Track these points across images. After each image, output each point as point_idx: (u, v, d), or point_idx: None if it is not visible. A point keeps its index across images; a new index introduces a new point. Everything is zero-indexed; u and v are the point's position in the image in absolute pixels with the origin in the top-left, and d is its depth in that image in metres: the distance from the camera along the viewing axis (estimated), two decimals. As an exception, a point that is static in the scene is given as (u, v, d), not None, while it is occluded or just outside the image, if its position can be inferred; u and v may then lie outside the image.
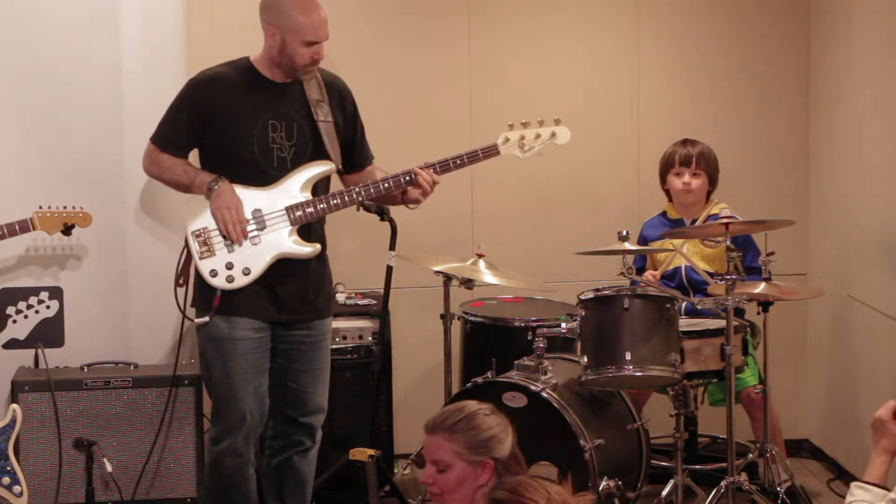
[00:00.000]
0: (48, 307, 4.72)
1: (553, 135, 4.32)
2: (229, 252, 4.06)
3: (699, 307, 4.51)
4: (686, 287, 4.88)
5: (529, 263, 5.21)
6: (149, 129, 4.18)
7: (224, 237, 4.05)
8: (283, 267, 4.08)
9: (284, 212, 4.06)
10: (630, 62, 5.45)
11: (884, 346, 4.74)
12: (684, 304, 4.62)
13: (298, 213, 4.06)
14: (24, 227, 4.41)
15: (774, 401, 4.87)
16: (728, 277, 4.28)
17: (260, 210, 4.06)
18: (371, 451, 4.38)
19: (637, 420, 4.47)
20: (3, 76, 4.64)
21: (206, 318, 4.06)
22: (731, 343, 4.31)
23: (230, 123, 4.07)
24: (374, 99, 5.33)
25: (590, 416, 4.31)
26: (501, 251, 5.00)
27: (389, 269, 4.67)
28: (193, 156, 4.23)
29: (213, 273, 4.05)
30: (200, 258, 4.07)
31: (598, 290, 4.35)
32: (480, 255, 4.76)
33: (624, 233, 4.40)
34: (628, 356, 4.23)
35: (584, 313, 4.33)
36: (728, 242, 4.33)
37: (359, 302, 5.01)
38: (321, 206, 4.09)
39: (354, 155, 4.26)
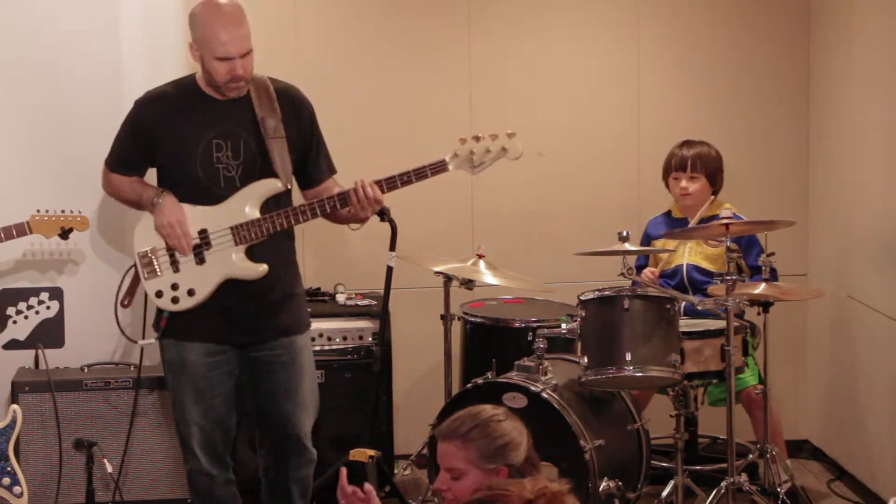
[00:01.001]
0: (48, 308, 4.71)
1: (503, 150, 4.10)
2: (175, 272, 4.00)
3: (699, 308, 4.51)
4: (686, 286, 4.88)
5: (529, 264, 5.20)
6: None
7: (171, 256, 3.99)
8: (235, 287, 3.99)
9: (230, 231, 3.97)
10: (630, 62, 5.44)
11: (884, 346, 4.74)
12: (683, 305, 4.62)
13: (244, 232, 3.96)
14: (21, 230, 4.39)
15: (775, 401, 4.87)
16: (728, 278, 4.27)
17: (206, 230, 3.99)
18: (371, 452, 4.38)
19: (637, 420, 4.47)
20: (2, 78, 4.64)
21: (151, 340, 4.07)
22: (731, 343, 4.31)
23: (174, 143, 4.00)
24: (375, 100, 5.35)
25: (590, 417, 4.31)
26: (501, 252, 5.00)
27: (389, 270, 4.67)
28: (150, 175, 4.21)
29: (159, 294, 4.02)
30: (146, 279, 4.03)
31: (598, 290, 4.35)
32: (480, 256, 4.76)
33: (624, 233, 4.40)
34: (628, 357, 4.23)
35: (584, 314, 4.33)
36: (729, 242, 4.33)
37: (359, 302, 5.00)
38: (266, 225, 3.97)
39: (308, 169, 4.14)
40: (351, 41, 5.32)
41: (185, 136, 4.00)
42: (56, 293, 4.71)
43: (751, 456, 4.76)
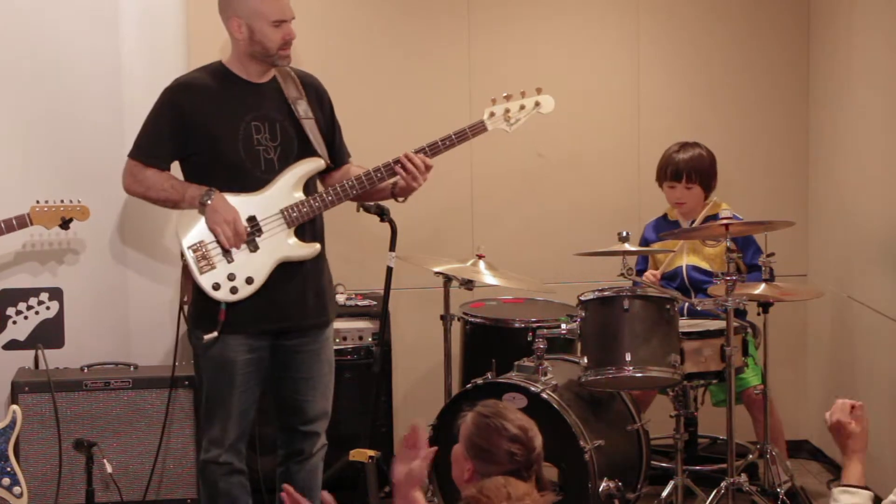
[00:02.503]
0: (48, 308, 4.72)
1: (537, 104, 4.26)
2: (229, 263, 3.97)
3: (699, 308, 4.52)
4: (687, 287, 4.88)
5: (529, 264, 5.20)
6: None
7: (222, 247, 3.96)
8: (280, 273, 4.00)
9: (280, 214, 3.99)
10: (630, 62, 5.44)
11: (884, 346, 4.74)
12: (686, 305, 4.62)
13: (294, 213, 3.99)
14: (22, 222, 4.40)
15: (775, 401, 4.87)
16: (728, 278, 4.28)
17: (255, 216, 3.98)
18: (371, 452, 4.37)
19: (637, 421, 4.47)
20: (3, 75, 4.65)
21: (215, 334, 3.95)
22: (731, 344, 4.31)
23: (213, 128, 3.98)
24: (375, 99, 5.35)
25: (590, 417, 4.31)
26: (501, 252, 4.99)
27: (389, 270, 4.67)
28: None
29: (216, 286, 3.96)
30: (201, 273, 3.96)
31: (598, 290, 4.35)
32: (480, 256, 4.75)
33: (624, 234, 4.40)
34: (628, 357, 4.23)
35: (584, 314, 4.33)
36: (728, 242, 4.33)
37: (359, 303, 5.00)
38: (316, 203, 4.02)
39: (334, 152, 4.18)
40: (351, 41, 5.32)
41: (224, 120, 3.99)
42: (56, 293, 4.71)
43: (751, 456, 4.76)
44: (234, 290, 3.97)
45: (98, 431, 4.57)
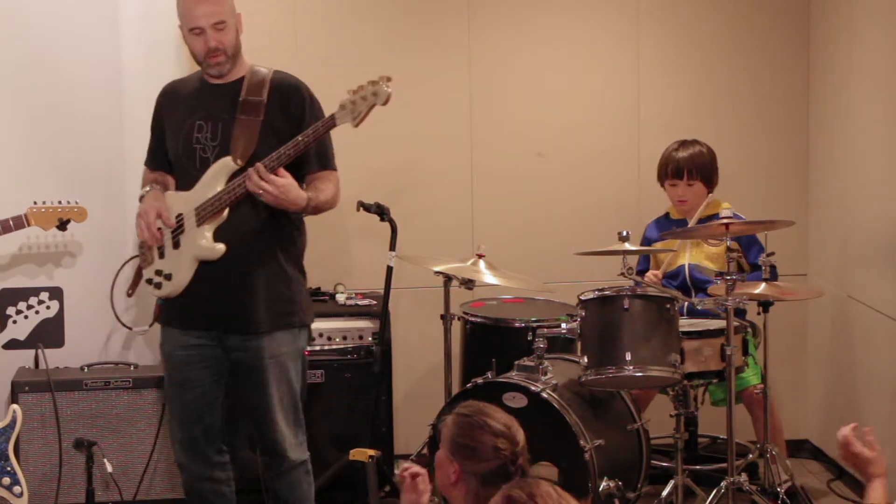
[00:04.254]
0: (48, 307, 4.72)
1: (374, 94, 3.83)
2: (160, 259, 4.02)
3: (699, 307, 4.52)
4: (689, 286, 4.88)
5: (529, 264, 5.20)
6: (148, 127, 4.18)
7: (158, 245, 4.00)
8: (206, 272, 3.95)
9: (194, 212, 3.95)
10: (630, 62, 5.45)
11: (884, 346, 4.74)
12: (686, 305, 4.62)
13: (203, 211, 3.93)
14: (19, 223, 4.40)
15: (775, 401, 4.87)
16: (728, 277, 4.28)
17: (181, 214, 3.98)
18: (371, 452, 4.37)
19: (637, 420, 4.47)
20: (2, 74, 4.65)
21: (145, 328, 4.07)
22: (731, 343, 4.31)
23: (168, 126, 4.07)
24: (374, 99, 5.34)
25: (590, 417, 4.31)
26: (501, 251, 4.99)
27: (389, 270, 4.68)
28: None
29: (149, 281, 4.05)
30: (144, 267, 4.08)
31: (598, 290, 4.35)
32: (480, 256, 4.75)
33: (624, 233, 4.40)
34: (628, 356, 4.23)
35: (584, 314, 4.33)
36: (729, 242, 4.33)
37: (359, 302, 5.00)
38: (215, 201, 3.92)
39: (301, 160, 3.95)
40: (351, 41, 5.32)
41: (175, 119, 4.05)
42: (56, 293, 4.71)
43: (751, 456, 4.76)
44: (158, 286, 4.02)
45: (98, 431, 4.57)
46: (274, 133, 3.97)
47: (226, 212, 3.93)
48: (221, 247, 3.93)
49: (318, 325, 4.85)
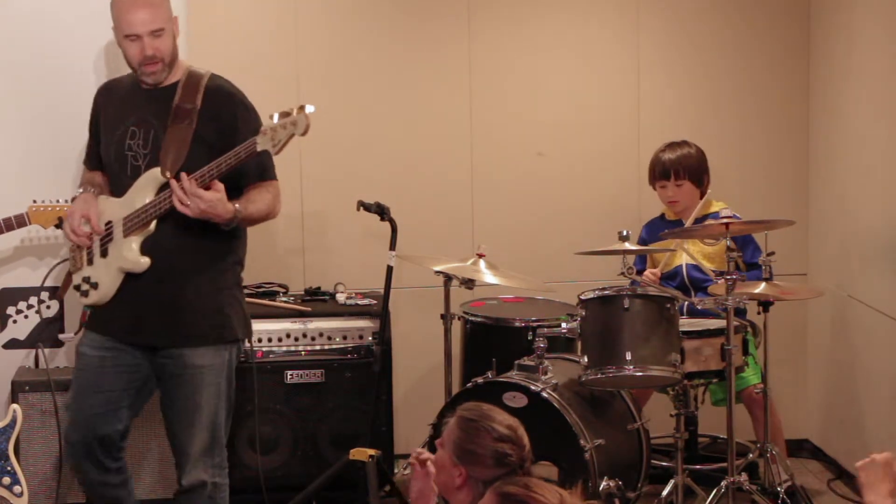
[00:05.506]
0: (48, 307, 4.71)
1: (294, 124, 3.72)
2: (89, 265, 3.96)
3: (699, 307, 4.52)
4: (687, 286, 4.88)
5: (529, 263, 5.20)
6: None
7: (88, 251, 3.95)
8: (133, 283, 3.88)
9: (122, 222, 3.88)
10: (630, 62, 5.44)
11: (884, 346, 4.74)
12: (686, 304, 4.62)
13: (129, 223, 3.86)
14: (21, 221, 4.42)
15: (775, 401, 4.87)
16: (728, 277, 4.28)
17: (111, 222, 3.92)
18: (371, 451, 4.38)
19: (637, 420, 4.47)
20: (2, 75, 4.65)
21: (71, 335, 4.01)
22: (731, 343, 4.31)
23: (103, 130, 4.02)
24: (375, 99, 5.35)
25: (590, 416, 4.31)
26: (501, 251, 4.99)
27: (390, 269, 4.68)
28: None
29: (76, 287, 4.00)
30: (73, 273, 4.03)
31: (598, 290, 4.35)
32: (481, 255, 4.76)
33: (624, 233, 4.40)
34: (629, 356, 4.23)
35: (584, 313, 4.33)
36: (728, 242, 4.33)
37: (359, 302, 5.00)
38: (143, 214, 3.84)
39: (235, 171, 3.83)
40: (351, 43, 5.32)
41: (109, 123, 3.99)
42: (56, 293, 4.71)
43: (751, 455, 4.76)
44: (85, 294, 3.97)
45: (98, 430, 4.56)
46: (205, 144, 3.88)
47: (153, 224, 3.85)
48: (146, 261, 3.86)
49: (318, 324, 4.86)
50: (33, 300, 4.71)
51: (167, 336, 3.91)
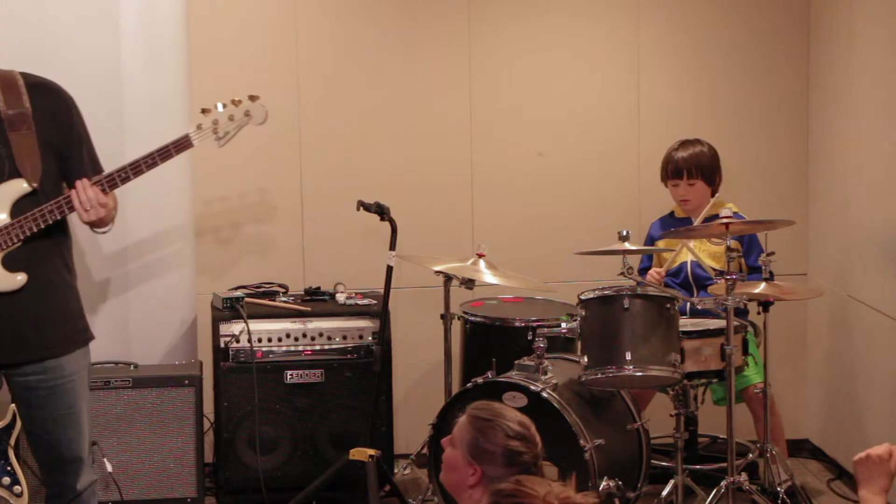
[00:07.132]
0: (48, 307, 4.71)
1: (247, 115, 3.68)
2: None
3: (700, 307, 4.52)
4: (691, 283, 4.89)
5: (529, 263, 5.20)
6: (148, 128, 4.16)
7: None
8: (7, 301, 3.62)
9: None
10: (630, 62, 5.44)
11: (884, 346, 4.74)
12: (688, 305, 4.63)
13: None
14: None
15: (775, 400, 4.87)
16: (728, 277, 4.28)
17: None
18: (371, 451, 4.38)
19: (637, 420, 4.47)
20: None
21: None
22: (731, 343, 4.31)
23: None
24: (374, 100, 5.35)
25: (590, 416, 4.31)
26: (501, 251, 4.99)
27: (389, 269, 4.68)
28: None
29: None
30: None
31: (598, 289, 4.35)
32: (480, 255, 4.76)
33: (624, 233, 4.40)
34: (628, 356, 4.23)
35: (584, 313, 4.33)
36: (729, 241, 4.33)
37: (359, 302, 5.00)
38: (15, 231, 3.61)
39: (70, 170, 3.71)
40: (351, 42, 5.32)
41: None
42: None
43: (751, 455, 4.76)
44: None
45: (98, 430, 4.55)
46: (50, 146, 3.69)
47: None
48: (23, 277, 3.63)
49: (318, 324, 4.85)
50: None
51: (42, 348, 3.69)
